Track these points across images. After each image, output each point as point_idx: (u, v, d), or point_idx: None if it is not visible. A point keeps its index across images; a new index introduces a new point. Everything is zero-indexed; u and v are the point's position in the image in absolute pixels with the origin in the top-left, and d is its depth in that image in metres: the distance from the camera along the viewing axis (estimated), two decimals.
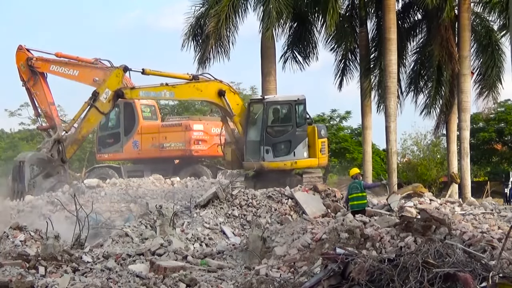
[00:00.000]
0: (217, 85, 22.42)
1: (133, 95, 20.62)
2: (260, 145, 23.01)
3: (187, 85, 21.77)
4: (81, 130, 19.36)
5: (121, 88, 19.77)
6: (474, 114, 43.81)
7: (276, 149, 23.19)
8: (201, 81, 22.19)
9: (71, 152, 19.29)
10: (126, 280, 13.36)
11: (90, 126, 19.67)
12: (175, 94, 21.89)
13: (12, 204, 23.79)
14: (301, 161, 23.29)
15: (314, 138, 23.56)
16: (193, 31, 31.25)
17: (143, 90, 20.86)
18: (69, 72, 27.19)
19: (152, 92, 21.40)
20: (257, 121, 23.45)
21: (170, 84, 21.44)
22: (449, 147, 33.56)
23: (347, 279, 9.62)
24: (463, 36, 31.20)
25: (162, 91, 21.41)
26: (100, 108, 19.50)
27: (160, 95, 21.60)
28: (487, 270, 9.45)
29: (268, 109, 23.24)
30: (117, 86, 19.74)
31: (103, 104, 19.55)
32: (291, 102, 23.51)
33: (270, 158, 23.02)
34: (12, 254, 15.21)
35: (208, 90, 22.24)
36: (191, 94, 22.30)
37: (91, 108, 19.33)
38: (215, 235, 18.52)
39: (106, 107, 19.63)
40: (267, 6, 29.17)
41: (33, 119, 41.35)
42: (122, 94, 19.78)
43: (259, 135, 23.15)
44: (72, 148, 19.29)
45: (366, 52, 32.80)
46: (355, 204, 18.13)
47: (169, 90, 21.46)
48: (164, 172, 25.90)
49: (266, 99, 23.62)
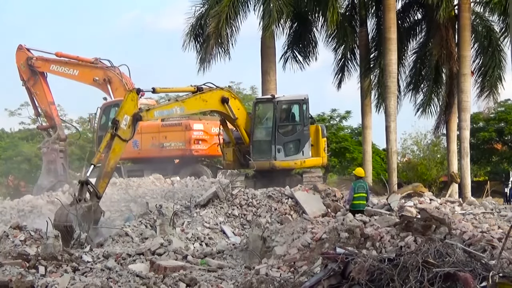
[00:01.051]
0: (220, 93, 22.51)
1: (149, 116, 20.82)
2: (272, 144, 23.06)
3: (194, 98, 21.94)
4: (109, 162, 19.36)
5: (139, 112, 19.87)
6: (474, 114, 43.79)
7: (287, 148, 23.28)
8: (205, 91, 22.29)
9: (103, 187, 19.30)
10: (126, 280, 13.36)
11: (116, 157, 19.72)
12: (185, 109, 22.15)
13: (12, 204, 23.82)
14: (309, 160, 23.40)
15: (318, 137, 23.62)
16: (193, 31, 31.29)
17: (157, 110, 21.30)
18: (69, 72, 27.25)
19: (165, 110, 21.77)
20: (266, 121, 23.52)
21: (179, 99, 21.80)
22: (449, 146, 33.55)
23: (347, 279, 9.62)
24: (463, 36, 31.19)
25: (174, 108, 21.67)
26: (122, 136, 19.47)
27: (172, 112, 21.91)
28: (487, 270, 9.45)
29: (279, 108, 23.31)
30: (134, 110, 19.81)
31: (125, 132, 19.51)
32: (299, 101, 23.60)
33: (281, 157, 23.09)
34: (12, 254, 15.21)
35: (212, 100, 22.38)
36: (199, 106, 22.51)
37: (114, 137, 19.31)
38: (215, 235, 18.53)
39: (128, 134, 19.61)
40: (267, 6, 29.18)
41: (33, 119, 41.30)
42: (140, 117, 19.94)
43: (270, 134, 23.20)
44: (104, 182, 19.30)
45: (366, 52, 32.80)
46: (361, 203, 18.20)
47: (179, 106, 21.71)
48: (164, 172, 25.90)
49: (276, 98, 23.66)
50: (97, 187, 18.95)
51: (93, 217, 18.69)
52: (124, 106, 19.66)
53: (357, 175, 18.92)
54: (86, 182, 18.74)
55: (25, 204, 23.46)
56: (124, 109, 19.58)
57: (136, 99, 19.96)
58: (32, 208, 23.02)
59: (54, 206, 22.39)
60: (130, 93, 19.98)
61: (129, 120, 19.59)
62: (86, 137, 44.46)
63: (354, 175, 19.28)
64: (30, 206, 23.21)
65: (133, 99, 19.85)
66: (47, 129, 28.31)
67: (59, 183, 26.52)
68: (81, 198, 18.61)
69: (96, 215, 18.80)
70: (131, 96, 19.84)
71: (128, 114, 19.60)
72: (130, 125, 19.59)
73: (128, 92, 20.18)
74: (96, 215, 18.82)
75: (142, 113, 19.97)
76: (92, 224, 18.60)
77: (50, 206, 22.68)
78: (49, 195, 23.99)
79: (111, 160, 19.35)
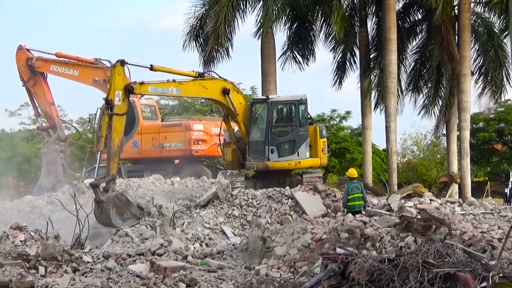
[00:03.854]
0: (221, 84, 22.37)
1: (142, 90, 20.45)
2: (265, 145, 23.01)
3: (193, 82, 21.71)
4: (113, 142, 19.30)
5: (130, 84, 19.68)
6: (474, 114, 43.83)
7: (281, 149, 23.21)
8: (207, 78, 22.19)
9: (115, 167, 19.34)
10: (126, 280, 13.36)
11: (120, 134, 19.58)
12: (182, 91, 21.78)
13: (12, 204, 23.81)
14: (305, 161, 23.30)
15: (316, 137, 23.56)
16: (193, 31, 31.30)
17: (151, 85, 20.73)
18: (69, 72, 27.19)
19: (160, 88, 21.24)
20: (261, 121, 23.45)
21: (177, 81, 21.42)
22: (449, 147, 33.56)
23: (347, 279, 9.63)
24: (463, 36, 31.20)
25: (170, 88, 21.26)
26: (119, 112, 19.37)
27: (167, 91, 21.42)
28: (487, 270, 9.45)
29: (273, 109, 23.24)
30: (124, 83, 19.65)
31: (120, 107, 19.39)
32: (294, 102, 23.53)
33: (275, 158, 23.02)
34: (12, 254, 15.21)
35: (213, 88, 22.20)
36: (197, 91, 22.20)
37: (112, 116, 19.25)
38: (215, 235, 18.51)
39: (124, 108, 19.49)
40: (266, 5, 29.18)
41: (33, 119, 41.37)
42: (132, 88, 19.63)
43: (264, 135, 23.16)
44: (115, 162, 19.31)
45: (366, 52, 32.81)
46: (356, 204, 18.19)
47: (176, 87, 21.34)
48: (164, 172, 25.87)
49: (270, 99, 23.60)
50: (109, 170, 19.13)
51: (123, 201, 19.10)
52: (113, 82, 19.49)
53: (350, 176, 18.93)
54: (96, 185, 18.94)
55: (25, 204, 23.46)
56: (114, 85, 19.45)
57: (122, 71, 19.77)
58: (32, 208, 23.02)
59: (54, 206, 22.41)
60: (115, 68, 19.73)
61: (122, 94, 19.50)
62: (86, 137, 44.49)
63: (348, 176, 19.28)
64: (30, 206, 23.21)
65: (119, 73, 19.67)
66: (47, 129, 28.29)
67: (59, 183, 26.48)
68: (100, 199, 18.84)
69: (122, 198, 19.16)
70: (117, 70, 19.63)
71: (119, 89, 19.49)
72: (123, 98, 19.52)
73: (112, 68, 19.94)
74: (123, 199, 19.17)
75: (135, 85, 19.86)
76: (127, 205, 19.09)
77: (50, 206, 22.68)
78: (49, 195, 23.98)
79: (115, 139, 19.36)
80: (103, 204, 18.86)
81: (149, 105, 29.61)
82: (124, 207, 19.19)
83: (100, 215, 19.03)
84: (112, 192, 19.13)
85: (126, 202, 19.31)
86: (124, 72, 19.84)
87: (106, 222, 19.13)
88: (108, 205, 18.88)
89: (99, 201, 18.91)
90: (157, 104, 32.31)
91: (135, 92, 20.06)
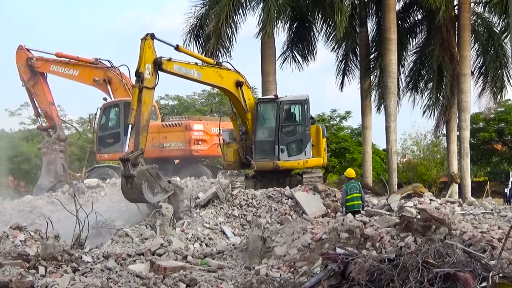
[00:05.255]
0: (235, 76, 22.50)
1: (168, 66, 20.36)
2: (275, 144, 23.08)
3: (212, 69, 21.81)
4: (143, 115, 19.17)
5: (160, 58, 19.65)
6: (474, 114, 43.83)
7: (290, 148, 23.29)
8: (223, 68, 22.33)
9: (144, 141, 19.27)
10: (126, 280, 13.35)
11: (149, 108, 19.50)
12: (202, 76, 21.77)
13: (12, 204, 23.82)
14: (311, 160, 23.41)
15: (319, 137, 23.62)
16: (194, 31, 31.30)
17: (177, 64, 20.69)
18: (69, 72, 27.21)
19: (184, 68, 21.24)
20: (268, 121, 23.51)
21: (199, 65, 21.50)
22: (449, 147, 33.57)
23: (347, 279, 9.62)
24: (463, 36, 31.22)
25: (192, 70, 21.31)
26: (149, 85, 19.30)
27: (189, 73, 21.43)
28: (487, 270, 9.45)
29: (282, 108, 23.33)
30: (154, 57, 19.63)
31: (150, 80, 19.33)
32: (301, 101, 23.62)
33: (285, 158, 23.09)
34: (12, 254, 15.21)
35: (228, 78, 22.32)
36: (214, 78, 22.27)
37: (142, 90, 19.15)
38: (215, 235, 18.51)
39: (153, 81, 19.44)
40: (266, 5, 29.18)
41: (33, 119, 41.39)
42: (161, 63, 19.61)
43: (273, 134, 23.21)
44: (144, 136, 19.23)
45: (366, 52, 32.81)
46: (355, 204, 18.24)
47: (197, 70, 21.41)
48: (164, 172, 25.81)
49: (279, 99, 23.68)
50: (138, 144, 19.07)
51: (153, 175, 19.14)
52: (143, 55, 19.39)
53: (348, 177, 18.96)
54: (127, 159, 18.78)
55: (25, 204, 23.47)
56: (145, 59, 19.36)
57: (152, 45, 19.72)
58: (32, 208, 23.02)
59: (54, 206, 22.42)
60: (146, 40, 19.60)
61: (151, 68, 19.46)
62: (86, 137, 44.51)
63: (346, 176, 19.32)
64: (30, 206, 23.22)
65: (149, 46, 19.59)
66: (47, 129, 28.30)
67: (59, 183, 26.51)
68: (129, 174, 18.73)
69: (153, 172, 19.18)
70: (147, 43, 19.54)
71: (149, 62, 19.44)
72: (153, 72, 19.48)
73: (143, 40, 19.78)
74: (153, 172, 19.19)
75: (163, 60, 19.80)
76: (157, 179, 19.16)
77: (50, 206, 22.69)
78: (49, 195, 24.00)
79: (144, 113, 19.28)
80: (134, 179, 18.67)
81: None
82: (154, 181, 19.10)
83: (131, 190, 18.85)
84: (142, 166, 18.98)
85: (156, 176, 19.21)
86: (153, 45, 19.80)
87: (137, 197, 18.95)
88: (140, 179, 18.69)
89: (129, 175, 18.71)
90: (157, 104, 32.30)
91: (163, 68, 19.98)
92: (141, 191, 18.70)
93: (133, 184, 18.73)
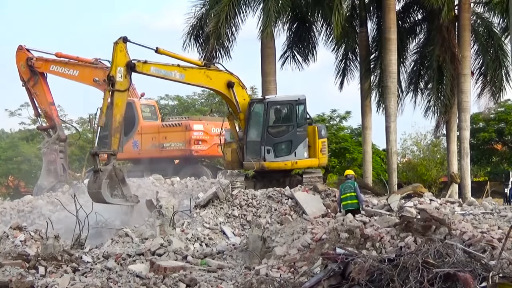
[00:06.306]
0: (227, 76, 22.42)
1: (144, 68, 20.41)
2: (261, 145, 22.99)
3: (198, 70, 21.75)
4: (115, 118, 19.43)
5: (131, 60, 19.76)
6: (474, 114, 43.80)
7: (277, 149, 23.15)
8: (212, 69, 22.25)
9: (116, 143, 19.50)
10: (126, 280, 13.36)
11: (121, 110, 19.69)
12: (185, 77, 21.68)
13: (12, 205, 23.82)
14: (302, 161, 23.24)
15: (315, 138, 23.53)
16: (194, 31, 31.30)
17: (154, 66, 20.72)
18: (69, 72, 27.19)
19: (163, 70, 21.20)
20: (258, 121, 23.42)
21: (181, 66, 21.40)
22: (449, 147, 33.55)
23: (347, 279, 9.62)
24: (463, 36, 31.22)
25: (173, 71, 21.25)
26: (121, 88, 19.48)
27: (170, 74, 21.35)
28: (487, 270, 9.45)
29: (269, 109, 23.21)
30: (126, 60, 19.72)
31: (122, 83, 19.49)
32: (291, 102, 23.47)
33: (271, 158, 22.99)
34: (12, 254, 15.22)
35: (217, 79, 22.24)
36: (201, 79, 22.17)
37: (113, 93, 19.34)
38: (215, 235, 18.51)
39: (125, 84, 19.62)
40: (266, 5, 29.18)
41: (33, 119, 41.40)
42: (133, 65, 19.73)
43: (260, 135, 23.14)
44: (116, 138, 19.48)
45: (366, 52, 32.80)
46: (349, 203, 18.39)
47: (180, 72, 21.32)
48: (164, 172, 25.88)
49: (267, 99, 23.60)
50: (110, 145, 19.44)
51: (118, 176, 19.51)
52: (115, 59, 19.64)
53: (345, 176, 19.14)
54: (96, 153, 19.39)
55: (25, 204, 23.47)
56: (116, 62, 19.59)
57: (124, 48, 19.89)
58: (32, 208, 23.02)
59: (54, 206, 22.42)
60: (117, 44, 19.86)
61: (123, 70, 19.63)
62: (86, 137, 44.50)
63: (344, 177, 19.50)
64: (30, 206, 23.22)
65: (121, 49, 19.81)
66: (47, 129, 28.29)
67: (59, 183, 26.50)
68: (97, 169, 19.27)
69: (119, 175, 19.55)
70: (119, 47, 19.78)
71: (121, 65, 19.63)
72: (125, 74, 19.64)
73: (114, 44, 20.04)
74: (119, 175, 19.56)
75: (138, 63, 19.96)
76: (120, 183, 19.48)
77: (50, 206, 22.69)
78: (49, 195, 23.99)
79: (116, 115, 19.55)
80: (99, 174, 19.11)
81: (149, 105, 29.62)
82: (117, 184, 19.47)
83: (93, 184, 19.32)
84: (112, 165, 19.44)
85: (121, 180, 19.58)
86: (126, 49, 19.92)
87: (95, 192, 19.25)
88: (103, 175, 19.13)
89: (96, 170, 19.25)
90: (157, 104, 32.30)
91: (137, 70, 20.10)
92: (100, 185, 19.11)
93: (97, 179, 19.23)
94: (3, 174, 46.09)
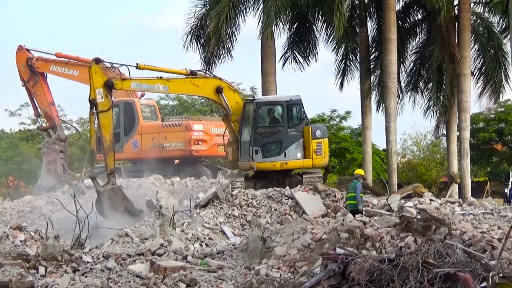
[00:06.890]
0: (215, 82, 22.44)
1: (124, 85, 20.66)
2: (250, 145, 22.95)
3: (183, 80, 21.80)
4: (105, 137, 19.81)
5: (109, 80, 19.96)
6: (474, 115, 43.83)
7: (266, 149, 23.02)
8: (199, 77, 22.23)
9: (112, 161, 19.92)
10: (126, 280, 13.37)
11: (110, 129, 20.08)
12: (170, 88, 21.83)
13: (12, 205, 23.82)
14: (293, 161, 23.04)
15: (308, 139, 23.38)
16: (194, 32, 31.30)
17: (134, 81, 20.93)
18: (69, 72, 27.19)
19: (145, 84, 21.34)
20: (249, 122, 23.40)
21: (164, 78, 21.44)
22: (449, 147, 33.53)
23: (347, 279, 9.63)
24: (463, 36, 31.20)
25: (156, 84, 21.36)
26: (104, 108, 19.74)
27: (153, 88, 21.49)
28: (487, 270, 9.46)
29: (258, 109, 23.09)
30: (103, 80, 19.94)
31: (104, 103, 19.75)
32: (282, 102, 23.34)
33: (259, 159, 22.86)
34: (12, 254, 15.23)
35: (205, 86, 22.27)
36: (187, 89, 22.30)
37: (98, 115, 19.64)
38: (215, 235, 18.51)
39: (107, 104, 19.89)
40: (266, 6, 29.17)
41: (33, 119, 41.37)
42: (111, 84, 19.98)
43: (249, 135, 23.12)
44: (111, 157, 19.91)
45: (366, 52, 32.78)
46: (349, 203, 18.72)
47: (163, 84, 21.41)
48: (164, 172, 25.86)
49: (256, 100, 23.57)
50: (107, 165, 19.97)
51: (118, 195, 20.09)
52: (92, 82, 19.93)
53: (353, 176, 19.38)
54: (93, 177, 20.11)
55: (25, 204, 23.47)
56: (94, 84, 19.86)
57: (98, 69, 20.11)
58: (32, 208, 23.02)
59: (53, 206, 22.42)
60: (90, 67, 20.15)
61: (103, 91, 19.86)
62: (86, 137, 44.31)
63: None
64: (30, 206, 23.22)
65: (96, 71, 20.08)
66: (47, 129, 28.28)
67: (59, 183, 26.48)
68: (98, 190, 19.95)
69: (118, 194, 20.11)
70: (93, 69, 20.11)
71: (99, 87, 19.91)
72: (105, 94, 19.87)
73: (88, 68, 20.35)
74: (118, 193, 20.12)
75: (116, 81, 20.25)
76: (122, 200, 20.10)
77: (50, 206, 22.70)
78: (49, 195, 23.99)
79: (105, 135, 19.93)
80: (100, 196, 19.79)
81: (149, 105, 29.58)
82: (119, 202, 19.96)
83: (98, 205, 19.85)
84: (110, 185, 19.95)
85: (121, 196, 19.95)
86: (101, 69, 20.15)
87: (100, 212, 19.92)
88: (103, 196, 19.78)
89: (97, 191, 19.91)
90: (157, 104, 32.28)
91: (116, 88, 20.35)
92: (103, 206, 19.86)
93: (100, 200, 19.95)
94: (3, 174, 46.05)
